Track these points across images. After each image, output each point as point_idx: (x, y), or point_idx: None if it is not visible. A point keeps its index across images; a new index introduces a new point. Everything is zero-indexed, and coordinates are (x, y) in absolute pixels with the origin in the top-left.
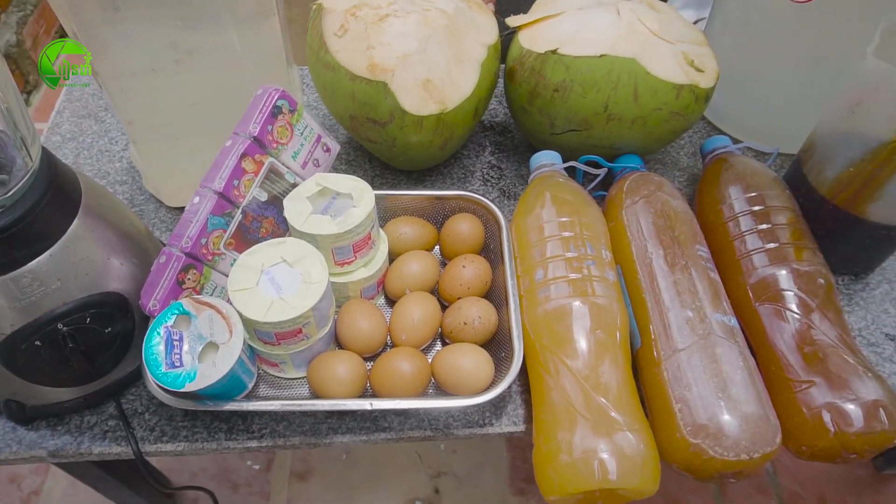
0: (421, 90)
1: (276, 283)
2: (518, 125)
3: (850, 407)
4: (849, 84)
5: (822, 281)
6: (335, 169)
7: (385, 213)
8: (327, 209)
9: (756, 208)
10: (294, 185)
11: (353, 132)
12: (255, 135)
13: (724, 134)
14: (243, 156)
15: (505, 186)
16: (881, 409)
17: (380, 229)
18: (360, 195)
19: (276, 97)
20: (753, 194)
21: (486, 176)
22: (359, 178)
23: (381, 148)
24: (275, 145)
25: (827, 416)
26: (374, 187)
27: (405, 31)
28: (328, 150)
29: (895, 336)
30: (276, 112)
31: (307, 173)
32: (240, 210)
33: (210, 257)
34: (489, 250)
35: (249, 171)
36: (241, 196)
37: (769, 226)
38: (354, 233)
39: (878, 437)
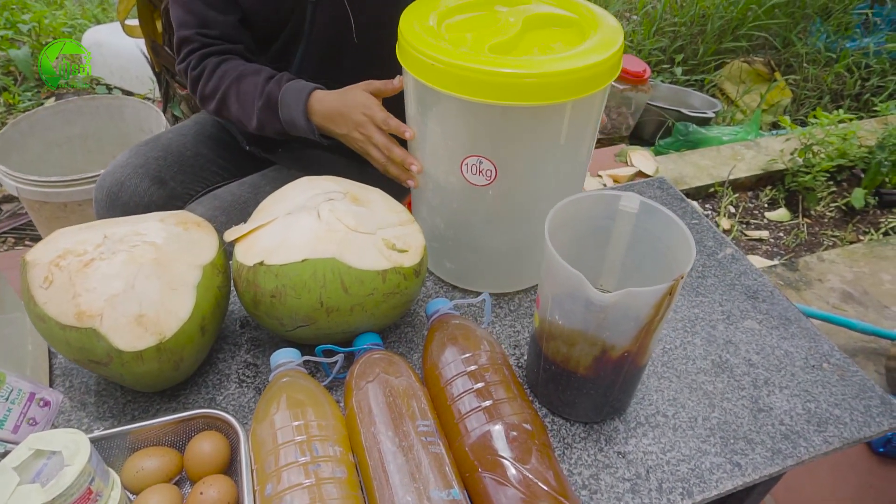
0: (134, 326)
1: None
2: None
3: None
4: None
5: (528, 427)
6: (84, 404)
7: (127, 447)
8: (41, 473)
9: (470, 368)
10: (5, 454)
11: (87, 369)
12: None
13: (466, 290)
14: None
15: (261, 384)
16: None
17: (109, 473)
18: (74, 451)
19: None
20: (467, 355)
21: (241, 376)
22: (76, 431)
23: (118, 380)
24: None
25: None
26: (125, 413)
27: (111, 273)
28: (47, 403)
29: (625, 453)
30: None
31: (22, 435)
32: None
33: None
34: (237, 463)
35: None
36: None
37: (483, 384)
38: (68, 494)
39: None
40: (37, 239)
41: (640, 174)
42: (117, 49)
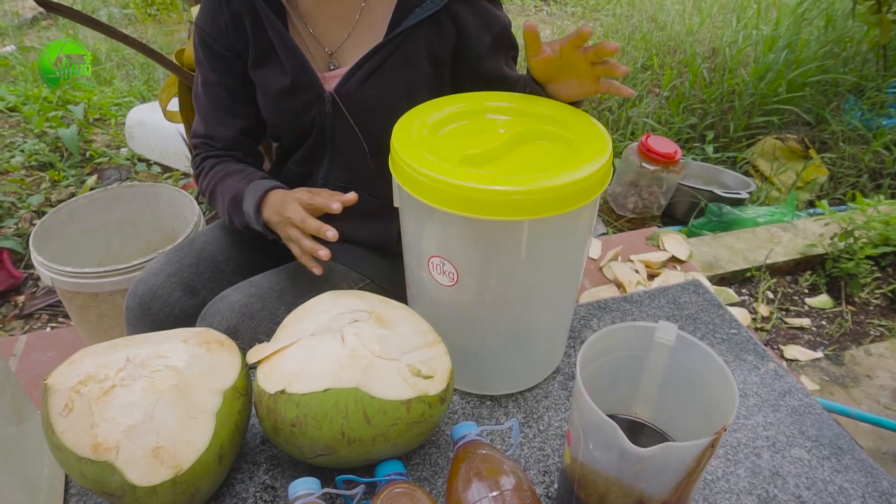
0: (151, 459)
1: None
2: None
3: None
4: None
5: None
6: None
7: None
8: None
9: None
10: None
11: (102, 498)
12: None
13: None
14: None
15: None
16: None
17: None
18: None
19: None
20: (494, 493)
21: (258, 501)
22: None
23: None
24: None
25: None
26: None
27: (131, 401)
28: None
29: None
30: None
31: None
32: None
33: None
34: None
35: None
36: None
37: None
38: None
39: None
40: (69, 318)
41: (674, 259)
42: (158, 127)
